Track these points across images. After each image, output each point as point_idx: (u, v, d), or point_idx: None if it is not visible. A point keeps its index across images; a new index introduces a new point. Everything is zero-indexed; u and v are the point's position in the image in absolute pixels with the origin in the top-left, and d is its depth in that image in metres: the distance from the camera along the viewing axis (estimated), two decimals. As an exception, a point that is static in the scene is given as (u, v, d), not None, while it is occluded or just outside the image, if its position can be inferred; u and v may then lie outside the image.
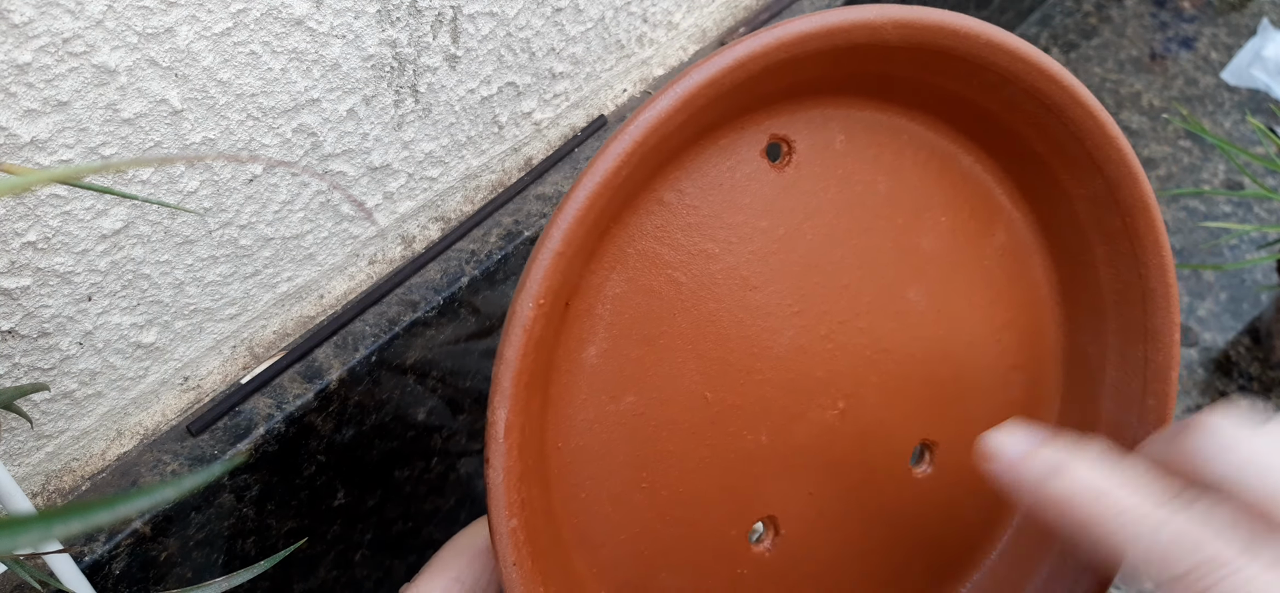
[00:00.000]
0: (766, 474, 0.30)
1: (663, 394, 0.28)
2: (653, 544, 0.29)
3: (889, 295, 0.30)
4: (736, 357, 0.28)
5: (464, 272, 0.41)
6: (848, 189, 0.29)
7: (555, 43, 0.42)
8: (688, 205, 0.27)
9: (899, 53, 0.26)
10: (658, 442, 0.28)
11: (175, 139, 0.31)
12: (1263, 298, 0.65)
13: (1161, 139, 0.75)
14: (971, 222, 0.30)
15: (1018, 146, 0.30)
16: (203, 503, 0.35)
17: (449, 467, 0.47)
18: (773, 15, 0.53)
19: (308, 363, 0.38)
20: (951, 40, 0.26)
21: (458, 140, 0.41)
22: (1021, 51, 0.27)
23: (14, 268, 0.29)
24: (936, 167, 0.30)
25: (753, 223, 0.28)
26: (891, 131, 0.29)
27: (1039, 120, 0.28)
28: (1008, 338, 0.32)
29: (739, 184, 0.28)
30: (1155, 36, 0.83)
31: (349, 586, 0.46)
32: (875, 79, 0.28)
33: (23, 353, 0.31)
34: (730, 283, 0.28)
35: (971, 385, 0.31)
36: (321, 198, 0.37)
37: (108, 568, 0.34)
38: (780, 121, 0.28)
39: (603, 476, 0.28)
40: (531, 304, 0.24)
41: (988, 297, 0.31)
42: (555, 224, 0.24)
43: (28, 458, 0.33)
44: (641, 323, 0.27)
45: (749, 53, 0.24)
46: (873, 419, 0.30)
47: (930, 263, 0.30)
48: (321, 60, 0.33)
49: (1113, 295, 0.31)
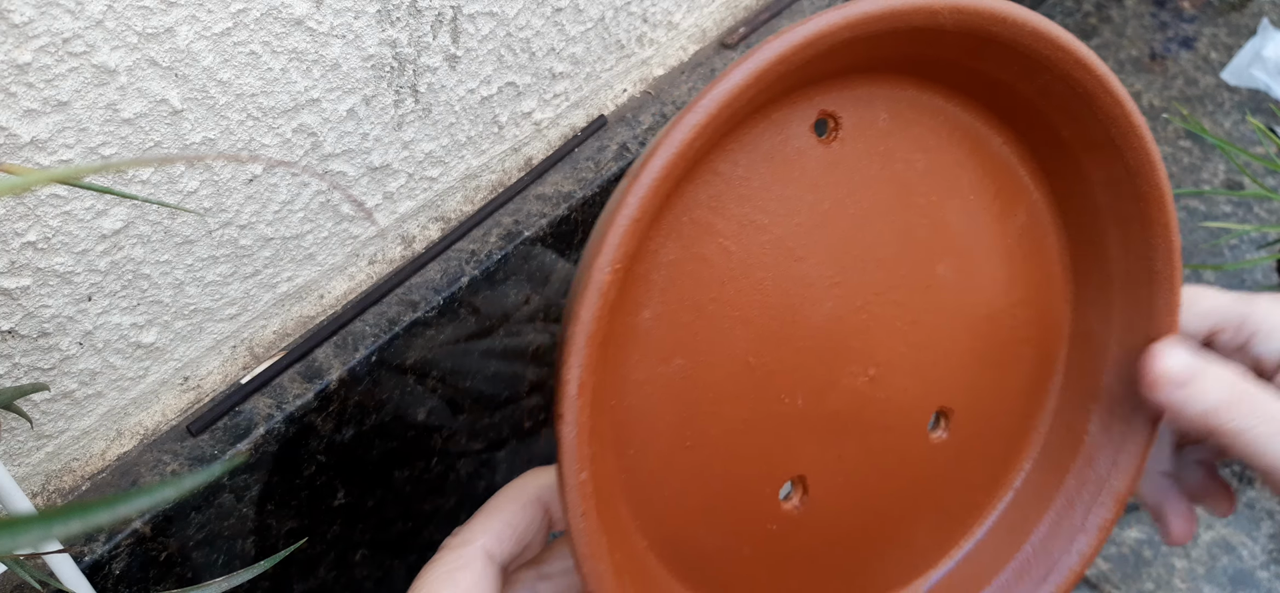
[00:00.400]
0: (800, 437, 0.31)
1: (709, 359, 0.29)
2: (692, 501, 0.30)
3: (920, 269, 0.31)
4: (778, 325, 0.29)
5: (464, 272, 0.41)
6: (888, 165, 0.30)
7: (555, 43, 0.42)
8: (741, 177, 0.28)
9: (949, 36, 0.27)
10: (702, 404, 0.29)
11: (175, 139, 0.31)
12: (1263, 298, 0.65)
13: (1162, 139, 0.75)
14: (997, 201, 0.32)
15: (1045, 130, 0.31)
16: (203, 503, 0.35)
17: (449, 467, 0.47)
18: (773, 15, 0.53)
19: (308, 363, 0.38)
20: (1000, 27, 0.27)
21: (458, 140, 0.41)
22: (1061, 39, 0.28)
23: (14, 268, 0.29)
24: (969, 146, 0.31)
25: (800, 195, 0.29)
26: (931, 112, 0.30)
27: (1068, 105, 0.30)
28: (1022, 313, 0.33)
29: (789, 158, 0.29)
30: (1155, 36, 0.83)
31: (349, 586, 0.46)
32: (920, 61, 0.29)
33: (23, 353, 0.31)
34: (777, 253, 0.29)
35: (986, 357, 0.33)
36: (321, 198, 0.37)
37: (108, 568, 0.34)
38: (829, 97, 0.29)
39: (651, 435, 0.29)
40: (609, 269, 0.25)
41: (1007, 273, 0.32)
42: (631, 192, 0.24)
43: (28, 458, 0.33)
44: (693, 289, 0.28)
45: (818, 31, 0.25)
46: (898, 387, 0.32)
47: (958, 239, 0.31)
48: (321, 60, 0.33)
49: (1121, 277, 0.33)
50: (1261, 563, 0.52)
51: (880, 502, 0.33)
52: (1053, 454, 0.35)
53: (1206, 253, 0.68)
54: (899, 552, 0.35)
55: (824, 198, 0.29)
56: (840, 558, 0.33)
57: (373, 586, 0.48)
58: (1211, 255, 0.68)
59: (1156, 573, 0.52)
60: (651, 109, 0.48)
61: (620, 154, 0.46)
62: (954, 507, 0.35)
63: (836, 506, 0.32)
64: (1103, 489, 0.34)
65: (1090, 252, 0.33)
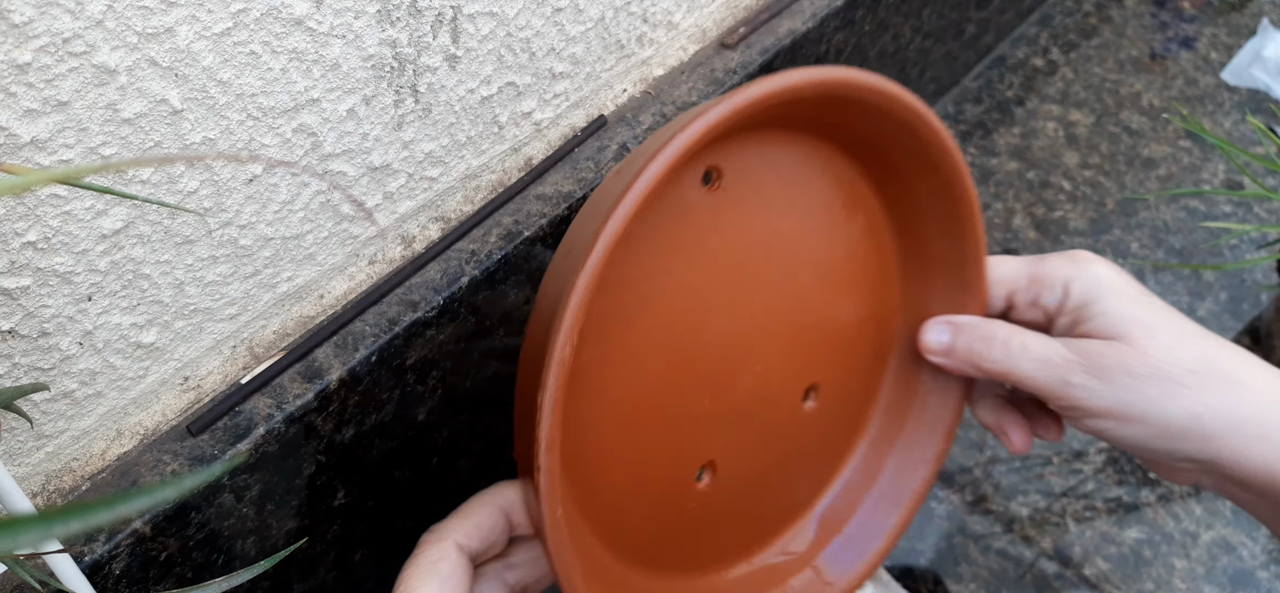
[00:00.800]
0: (708, 431, 0.39)
1: (635, 384, 0.36)
2: (628, 497, 0.38)
3: (789, 279, 0.39)
4: (686, 346, 0.37)
5: (464, 272, 0.41)
6: (761, 200, 0.37)
7: (555, 43, 0.42)
8: (649, 232, 0.34)
9: (809, 102, 0.34)
10: (632, 421, 0.36)
11: (175, 139, 0.31)
12: (1263, 298, 0.65)
13: (1161, 139, 0.75)
14: (843, 211, 0.40)
15: (879, 155, 0.39)
16: (203, 503, 0.35)
17: (449, 466, 0.47)
18: (773, 15, 0.53)
19: (308, 363, 0.38)
20: (845, 89, 0.35)
21: (458, 140, 0.41)
22: (891, 90, 0.36)
23: (14, 268, 0.29)
24: (820, 172, 0.39)
25: (695, 238, 0.36)
26: (792, 152, 0.38)
27: (897, 136, 0.37)
28: (865, 297, 0.42)
29: (684, 210, 0.35)
30: (1155, 36, 0.83)
31: (349, 586, 0.46)
32: (784, 116, 0.36)
33: (23, 353, 0.31)
34: (680, 289, 0.36)
35: (842, 337, 0.42)
36: (321, 198, 0.37)
37: (108, 568, 0.34)
38: (714, 154, 0.35)
39: (594, 453, 0.36)
40: (569, 346, 0.31)
41: (853, 267, 0.41)
42: (574, 288, 0.30)
43: (28, 458, 0.33)
44: (619, 331, 0.35)
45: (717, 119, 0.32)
46: (779, 376, 0.40)
47: (815, 247, 0.39)
48: (321, 60, 0.33)
49: (940, 261, 0.41)
50: (1261, 563, 0.52)
51: (771, 464, 0.42)
52: (896, 404, 0.44)
53: (1206, 253, 0.68)
54: (787, 497, 0.44)
55: (712, 236, 0.36)
56: (745, 513, 0.43)
57: (373, 585, 0.48)
58: (1211, 255, 0.68)
59: (1156, 573, 0.52)
60: (651, 109, 0.48)
61: (620, 154, 0.46)
62: (826, 455, 0.45)
63: (739, 476, 0.41)
64: (935, 427, 0.43)
65: (916, 244, 0.42)
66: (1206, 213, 0.70)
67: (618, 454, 0.37)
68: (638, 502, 0.38)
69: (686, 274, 0.36)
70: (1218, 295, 0.65)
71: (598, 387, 0.35)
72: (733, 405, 0.39)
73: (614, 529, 0.38)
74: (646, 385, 0.36)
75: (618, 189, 0.31)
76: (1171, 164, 0.73)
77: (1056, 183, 0.72)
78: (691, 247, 0.35)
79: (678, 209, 0.35)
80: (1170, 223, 0.69)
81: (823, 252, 0.39)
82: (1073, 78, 0.80)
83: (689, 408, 0.38)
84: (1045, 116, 0.77)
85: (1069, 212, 0.70)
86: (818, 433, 0.43)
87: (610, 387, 0.35)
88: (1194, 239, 0.69)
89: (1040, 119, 0.77)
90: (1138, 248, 0.68)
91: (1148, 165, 0.73)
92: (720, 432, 0.39)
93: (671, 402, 0.37)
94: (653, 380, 0.36)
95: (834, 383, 0.42)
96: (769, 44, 0.51)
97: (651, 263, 0.35)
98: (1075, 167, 0.73)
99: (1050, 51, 0.82)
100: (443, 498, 0.48)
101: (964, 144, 0.75)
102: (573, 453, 0.35)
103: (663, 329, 0.36)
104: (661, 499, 0.39)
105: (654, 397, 0.37)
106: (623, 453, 0.37)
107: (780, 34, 0.52)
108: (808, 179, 0.38)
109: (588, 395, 0.35)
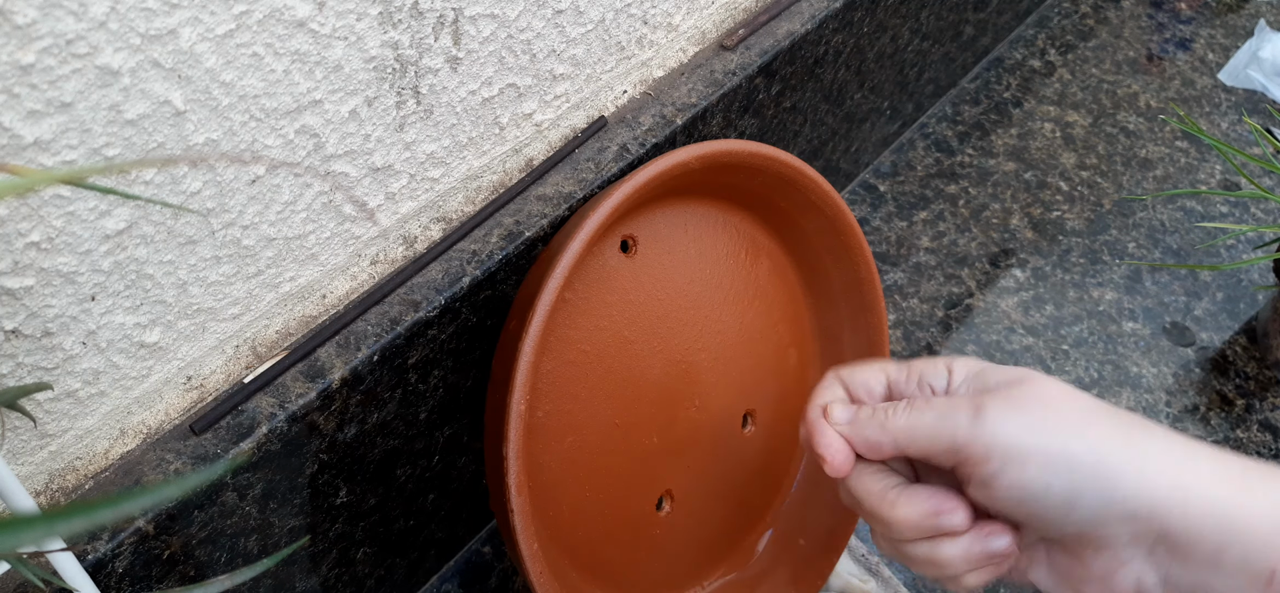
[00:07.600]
0: (660, 463, 0.44)
1: (588, 429, 0.41)
2: (597, 527, 0.43)
3: (711, 320, 0.45)
4: (629, 390, 0.42)
5: (465, 272, 0.41)
6: (674, 259, 0.43)
7: (556, 44, 0.42)
8: (581, 298, 0.40)
9: (697, 172, 0.41)
10: (590, 461, 0.42)
11: (178, 140, 0.31)
12: (1259, 298, 0.65)
13: (1158, 140, 0.75)
14: (748, 258, 0.46)
15: (769, 207, 0.46)
16: (205, 502, 0.36)
17: (450, 465, 0.47)
18: (772, 17, 0.53)
19: (310, 362, 0.38)
20: (730, 158, 0.41)
21: (459, 141, 0.41)
22: (766, 152, 0.42)
23: (18, 268, 0.29)
24: (722, 229, 0.45)
25: (622, 298, 0.42)
26: (695, 214, 0.44)
27: (783, 190, 0.44)
28: (782, 328, 0.48)
29: (608, 275, 0.41)
30: (1152, 38, 0.84)
31: (351, 583, 0.46)
32: (683, 185, 0.42)
33: (26, 352, 0.31)
34: (615, 342, 0.42)
35: (766, 365, 0.47)
36: (324, 198, 0.37)
37: (111, 566, 0.34)
38: (627, 225, 0.42)
39: (561, 492, 0.41)
40: (524, 400, 0.36)
41: (765, 304, 0.47)
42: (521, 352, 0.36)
43: (31, 457, 0.33)
44: (568, 384, 0.40)
45: (620, 200, 0.38)
46: (717, 406, 0.46)
47: (730, 291, 0.45)
48: (324, 62, 0.33)
49: (840, 287, 0.48)
50: None
51: (723, 486, 0.47)
52: None
53: (1203, 253, 0.68)
54: (743, 513, 0.49)
55: (637, 293, 0.42)
56: (705, 533, 0.48)
57: (375, 583, 0.48)
58: (1208, 255, 0.68)
59: None
60: (651, 110, 0.48)
61: (620, 155, 0.46)
62: (772, 472, 0.50)
63: (696, 500, 0.46)
64: None
65: (815, 276, 0.48)
66: (1203, 213, 0.71)
67: (584, 494, 0.42)
68: (609, 534, 0.43)
69: (619, 329, 0.42)
70: (1214, 295, 0.66)
71: (556, 435, 0.40)
72: (680, 438, 0.44)
73: (592, 562, 0.43)
74: (599, 430, 0.41)
75: (546, 266, 0.37)
76: (1168, 165, 0.74)
77: (1054, 183, 0.73)
78: (620, 305, 0.42)
79: (602, 275, 0.41)
80: (1167, 223, 0.70)
81: (736, 294, 0.46)
82: (1070, 79, 0.80)
83: (640, 445, 0.43)
84: (1042, 117, 0.77)
85: (1066, 212, 0.71)
86: (761, 452, 0.48)
87: (568, 434, 0.41)
88: (1191, 239, 0.69)
89: (1037, 120, 0.77)
90: (1134, 248, 0.68)
91: (1145, 166, 0.74)
92: (672, 463, 0.45)
93: (623, 442, 0.42)
94: (604, 425, 0.42)
95: (768, 407, 0.48)
96: (768, 45, 0.51)
97: (587, 322, 0.41)
98: (1072, 167, 0.74)
99: (1048, 53, 0.82)
100: (444, 497, 0.48)
101: (962, 145, 0.75)
102: (542, 497, 0.40)
103: (606, 379, 0.41)
104: (630, 530, 0.44)
105: (607, 439, 0.42)
106: (588, 492, 0.42)
107: (779, 36, 0.52)
108: (713, 235, 0.45)
109: (549, 445, 0.40)
